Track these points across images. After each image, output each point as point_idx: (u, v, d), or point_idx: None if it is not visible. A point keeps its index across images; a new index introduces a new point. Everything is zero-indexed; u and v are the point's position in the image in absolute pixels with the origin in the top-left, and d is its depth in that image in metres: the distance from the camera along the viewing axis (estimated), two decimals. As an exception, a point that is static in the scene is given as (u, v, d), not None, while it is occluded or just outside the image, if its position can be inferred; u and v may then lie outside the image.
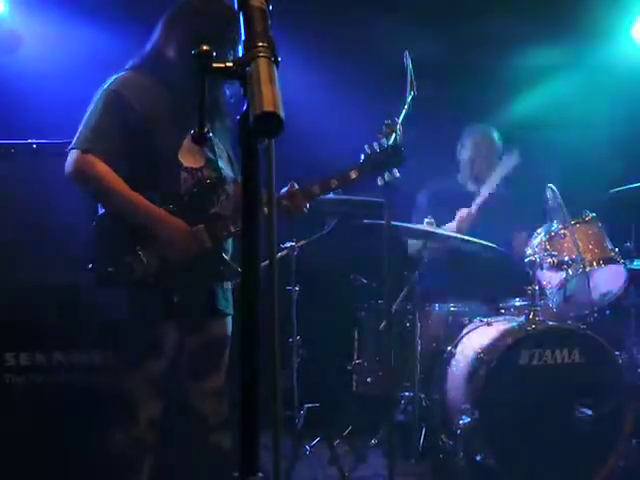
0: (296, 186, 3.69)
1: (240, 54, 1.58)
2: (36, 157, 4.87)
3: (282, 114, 1.43)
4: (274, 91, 1.45)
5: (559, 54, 6.79)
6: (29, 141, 4.90)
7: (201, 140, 1.73)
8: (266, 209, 1.62)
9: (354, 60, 6.35)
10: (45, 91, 5.84)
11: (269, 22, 1.59)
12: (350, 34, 6.35)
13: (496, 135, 6.14)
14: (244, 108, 1.52)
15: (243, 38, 1.56)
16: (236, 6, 1.62)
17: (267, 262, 1.67)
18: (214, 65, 1.61)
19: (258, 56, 1.51)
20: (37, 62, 5.93)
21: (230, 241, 3.71)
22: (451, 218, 5.71)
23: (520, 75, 6.73)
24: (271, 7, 1.62)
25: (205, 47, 1.62)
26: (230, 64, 1.59)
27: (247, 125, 1.48)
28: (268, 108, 1.42)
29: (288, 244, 5.14)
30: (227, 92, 3.66)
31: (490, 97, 6.57)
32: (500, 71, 6.63)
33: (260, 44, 1.52)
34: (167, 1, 3.75)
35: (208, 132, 1.74)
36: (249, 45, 1.53)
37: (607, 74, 6.67)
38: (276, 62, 1.53)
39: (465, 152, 6.15)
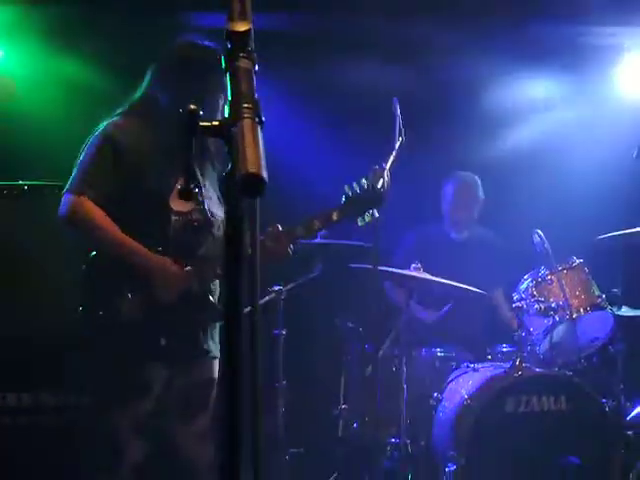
0: (280, 228, 3.70)
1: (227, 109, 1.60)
2: (27, 198, 4.89)
3: (265, 175, 1.44)
4: (258, 152, 1.47)
5: (546, 96, 6.85)
6: (20, 182, 4.92)
7: (188, 196, 1.75)
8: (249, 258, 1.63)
9: (341, 105, 6.38)
10: (38, 133, 5.87)
11: (255, 82, 1.61)
12: (335, 79, 6.39)
13: (478, 183, 6.15)
14: (229, 167, 1.53)
15: (229, 98, 1.58)
16: (223, 66, 1.63)
17: (249, 308, 1.67)
18: (201, 124, 1.63)
19: (243, 117, 1.52)
20: (30, 104, 5.95)
21: (217, 283, 3.74)
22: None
23: (504, 119, 6.76)
24: (257, 67, 1.64)
25: (192, 106, 1.64)
26: (216, 123, 1.61)
27: (231, 184, 1.49)
28: (252, 170, 1.43)
29: (275, 288, 5.13)
30: None
31: (474, 141, 6.60)
32: (483, 114, 6.66)
33: (245, 105, 1.54)
34: (161, 46, 3.81)
35: (194, 188, 1.75)
36: (234, 106, 1.55)
37: (594, 117, 6.71)
38: (260, 123, 1.54)
39: (446, 199, 6.16)
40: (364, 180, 3.97)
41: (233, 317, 1.62)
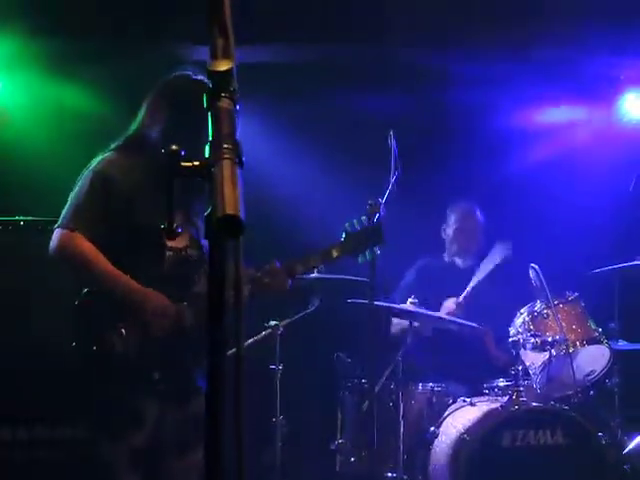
0: (278, 264, 3.73)
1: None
2: (23, 234, 4.92)
3: (242, 216, 1.46)
4: (235, 193, 1.48)
5: (544, 126, 6.88)
6: (16, 218, 4.95)
7: (171, 235, 1.77)
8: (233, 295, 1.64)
9: (337, 138, 6.41)
10: (34, 163, 5.89)
11: (236, 122, 1.63)
12: (333, 112, 6.43)
13: (478, 211, 6.18)
14: (209, 209, 1.55)
15: (210, 138, 1.60)
16: (205, 106, 1.65)
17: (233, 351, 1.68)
18: (182, 164, 1.65)
19: (223, 157, 1.54)
20: (25, 138, 5.98)
21: None
22: (438, 296, 5.71)
23: (497, 145, 6.77)
24: (238, 107, 1.66)
25: (174, 147, 1.66)
26: (197, 163, 1.63)
27: (211, 225, 1.51)
28: (229, 211, 1.45)
29: (272, 323, 5.14)
30: None
31: (470, 170, 6.61)
32: (481, 143, 6.68)
33: (225, 146, 1.56)
34: (159, 78, 3.83)
35: (177, 228, 1.78)
36: (215, 146, 1.57)
37: (592, 149, 6.74)
38: (240, 163, 1.56)
39: (449, 228, 6.18)
40: (364, 217, 3.99)
41: (216, 362, 1.63)
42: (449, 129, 6.69)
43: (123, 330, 3.56)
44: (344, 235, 3.95)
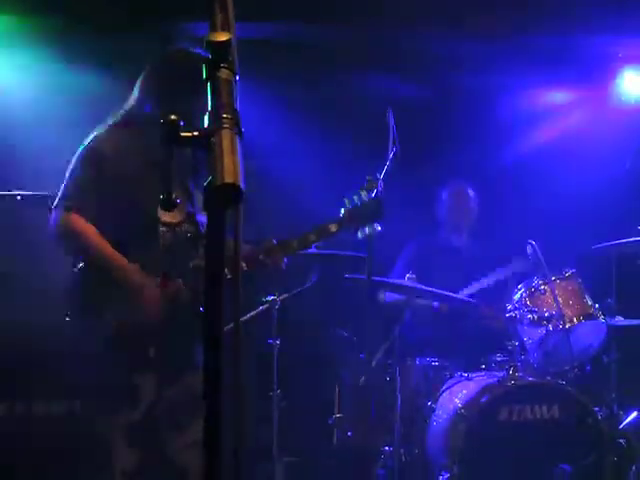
0: (274, 242, 3.72)
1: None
2: (20, 208, 4.91)
3: (242, 185, 1.46)
4: (235, 162, 1.48)
5: (542, 107, 6.88)
6: (13, 192, 4.94)
7: (169, 207, 1.77)
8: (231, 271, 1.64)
9: (337, 115, 6.41)
10: (31, 142, 5.88)
11: (235, 93, 1.63)
12: (334, 88, 6.42)
13: (470, 189, 6.19)
14: (209, 178, 1.55)
15: (209, 109, 1.60)
16: (204, 77, 1.65)
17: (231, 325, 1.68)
18: (181, 134, 1.65)
19: (222, 127, 1.54)
20: (23, 112, 5.96)
21: None
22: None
23: (497, 127, 6.78)
24: (238, 77, 1.66)
25: (172, 117, 1.65)
26: (196, 133, 1.62)
27: (210, 194, 1.51)
28: (228, 179, 1.45)
29: (270, 297, 5.15)
30: None
31: (471, 151, 6.62)
32: (479, 126, 6.69)
33: (225, 115, 1.56)
34: (152, 51, 3.82)
35: (176, 199, 1.78)
36: (214, 116, 1.57)
37: (589, 127, 6.75)
38: (240, 133, 1.56)
39: (443, 206, 6.20)
40: (363, 192, 3.98)
41: (213, 334, 1.63)
42: (448, 110, 6.69)
43: (118, 306, 3.56)
44: (343, 210, 3.94)
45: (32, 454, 4.45)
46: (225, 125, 1.54)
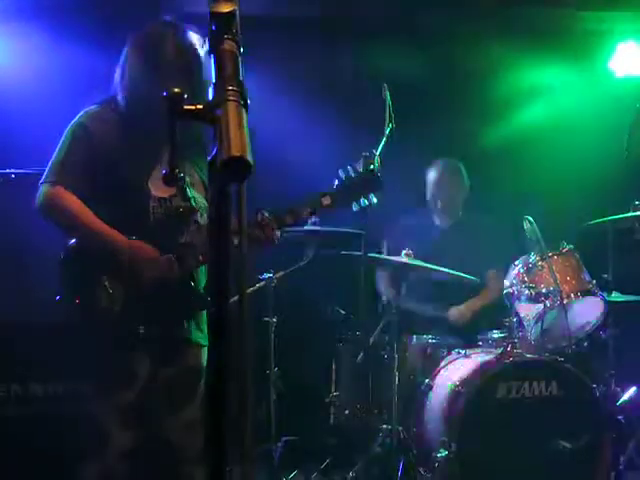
0: (266, 215, 3.66)
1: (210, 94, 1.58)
2: (14, 187, 4.87)
3: (250, 158, 1.43)
4: (242, 135, 1.45)
5: (537, 84, 6.85)
6: (7, 171, 4.90)
7: (172, 181, 1.73)
8: (237, 241, 1.60)
9: (331, 91, 6.37)
10: (26, 120, 5.84)
11: (240, 65, 1.59)
12: (328, 65, 6.38)
13: (462, 169, 6.15)
14: (214, 151, 1.51)
15: (214, 81, 1.56)
16: (208, 49, 1.62)
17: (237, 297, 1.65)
18: (185, 107, 1.61)
19: (227, 99, 1.51)
20: (18, 90, 5.92)
21: (202, 270, 3.70)
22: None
23: (493, 104, 6.76)
24: (242, 50, 1.62)
25: (176, 90, 1.62)
26: (200, 106, 1.59)
27: (216, 169, 1.47)
28: (235, 153, 1.42)
29: (266, 275, 5.12)
30: None
31: (465, 128, 6.59)
32: (473, 102, 6.66)
33: (230, 88, 1.52)
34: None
35: (179, 173, 1.74)
36: (219, 88, 1.53)
37: (585, 103, 6.72)
38: (245, 106, 1.53)
39: (430, 186, 6.15)
40: (358, 165, 3.92)
41: (220, 306, 1.60)
42: (444, 86, 6.64)
43: (108, 284, 3.53)
44: (337, 182, 3.86)
45: (27, 437, 4.43)
46: (231, 97, 1.51)
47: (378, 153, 4.56)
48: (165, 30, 3.62)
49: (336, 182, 3.82)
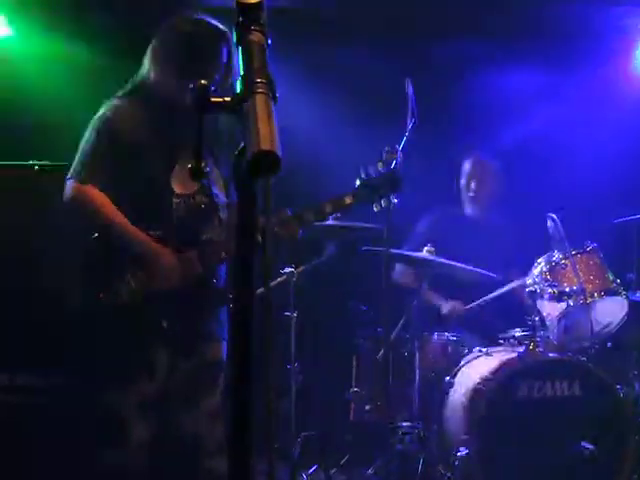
0: (288, 212, 3.67)
1: (236, 83, 1.56)
2: (37, 179, 4.88)
3: (279, 152, 1.40)
4: (272, 128, 1.42)
5: (560, 81, 6.80)
6: (30, 162, 4.90)
7: (199, 176, 1.71)
8: (261, 238, 1.58)
9: (354, 88, 6.34)
10: (44, 112, 5.85)
11: (267, 57, 1.56)
12: (350, 63, 6.35)
13: (494, 160, 6.11)
14: (241, 145, 1.49)
15: (242, 73, 1.53)
16: (235, 41, 1.59)
17: (261, 290, 1.63)
18: (212, 100, 1.58)
19: (256, 92, 1.48)
20: (41, 84, 5.93)
21: (223, 267, 3.73)
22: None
23: (520, 101, 6.71)
24: (270, 42, 1.59)
25: (203, 81, 1.59)
26: (228, 99, 1.56)
27: (244, 162, 1.45)
28: (265, 146, 1.39)
29: (287, 270, 5.09)
30: None
31: (491, 125, 6.55)
32: (499, 99, 6.62)
33: (258, 80, 1.50)
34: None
35: (206, 167, 1.71)
36: (247, 81, 1.50)
37: (611, 100, 6.66)
38: (274, 98, 1.50)
39: (463, 178, 6.12)
40: (380, 163, 3.91)
41: (245, 301, 1.58)
42: (468, 83, 6.61)
43: (130, 278, 3.56)
44: (358, 182, 3.87)
45: (45, 429, 4.43)
46: (259, 90, 1.49)
47: (401, 148, 4.52)
48: (196, 19, 3.62)
49: (357, 182, 3.84)
